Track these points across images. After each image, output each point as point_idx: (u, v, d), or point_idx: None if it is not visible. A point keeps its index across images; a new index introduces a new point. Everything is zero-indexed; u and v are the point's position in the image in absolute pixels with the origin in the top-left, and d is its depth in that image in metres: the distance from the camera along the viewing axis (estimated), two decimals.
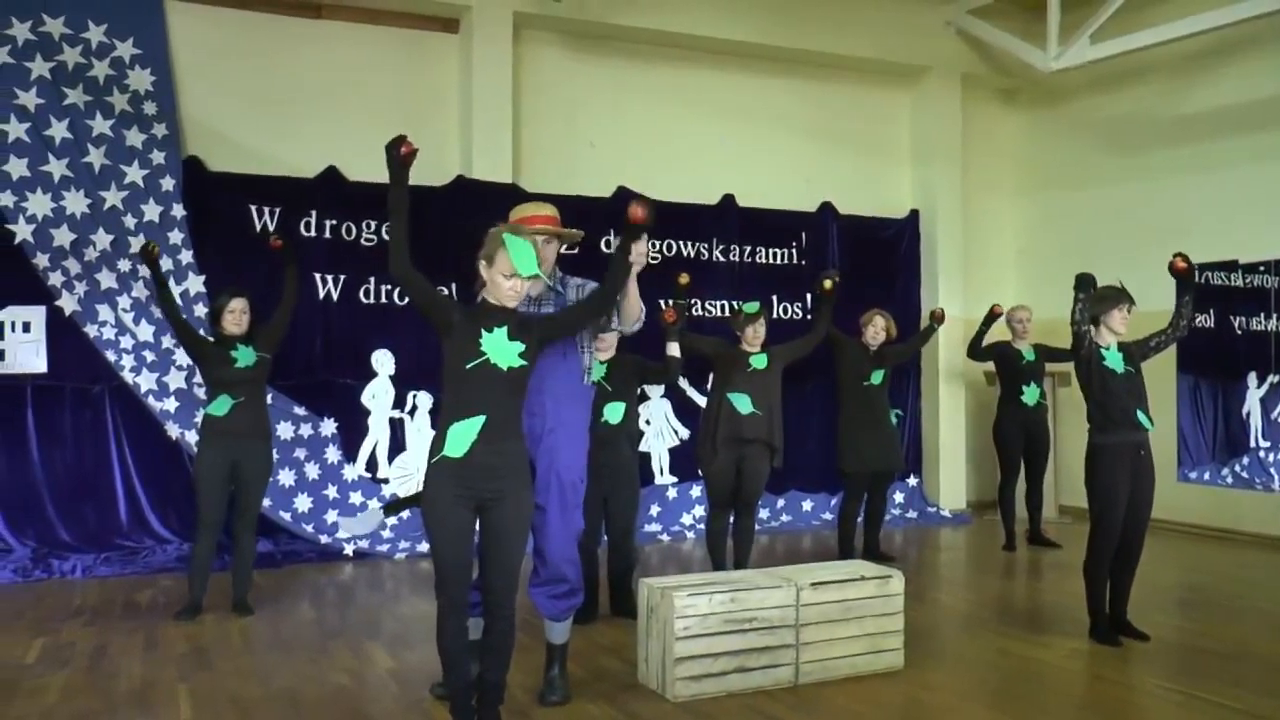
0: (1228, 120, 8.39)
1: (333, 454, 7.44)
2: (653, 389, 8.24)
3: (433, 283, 3.72)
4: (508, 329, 3.61)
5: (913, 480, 9.39)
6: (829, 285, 6.40)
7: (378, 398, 7.58)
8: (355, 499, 7.45)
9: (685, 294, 6.64)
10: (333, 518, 7.36)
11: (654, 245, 8.24)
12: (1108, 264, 6.69)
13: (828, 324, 6.57)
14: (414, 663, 4.83)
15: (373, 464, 7.57)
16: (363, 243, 7.57)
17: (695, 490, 8.34)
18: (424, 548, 7.00)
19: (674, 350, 5.73)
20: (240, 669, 4.75)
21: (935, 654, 5.00)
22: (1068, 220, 9.70)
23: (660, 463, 8.43)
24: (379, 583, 6.67)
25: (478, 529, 3.68)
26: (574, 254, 6.99)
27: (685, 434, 8.39)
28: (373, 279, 7.55)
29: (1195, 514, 8.40)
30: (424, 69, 8.06)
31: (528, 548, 3.80)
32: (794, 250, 9.04)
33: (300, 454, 7.33)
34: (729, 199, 8.79)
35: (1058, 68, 8.57)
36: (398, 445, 7.63)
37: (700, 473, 6.71)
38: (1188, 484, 8.55)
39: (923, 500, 9.38)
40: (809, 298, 8.85)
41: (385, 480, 7.58)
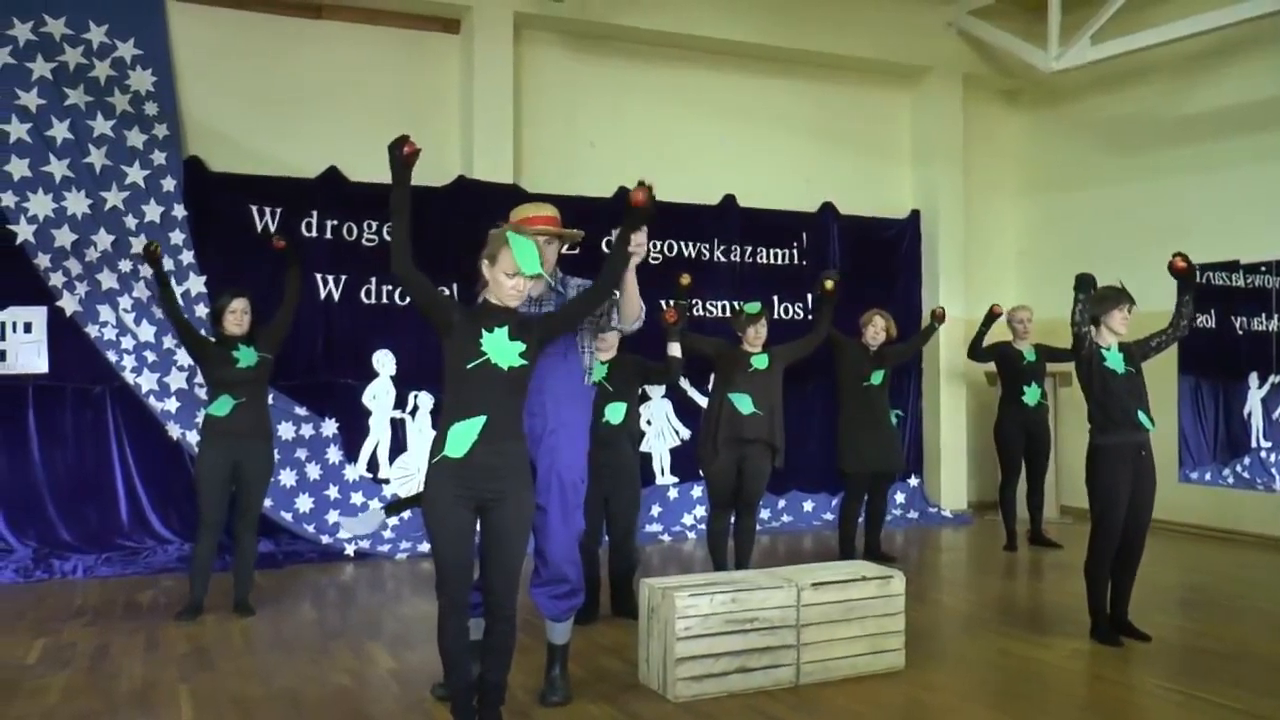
0: (1229, 120, 8.38)
1: (334, 454, 7.44)
2: (654, 389, 8.23)
3: (433, 283, 3.72)
4: (508, 329, 3.61)
5: (914, 480, 9.38)
6: (830, 285, 6.37)
7: (379, 398, 7.59)
8: (356, 499, 7.46)
9: (686, 294, 6.64)
10: (334, 518, 7.37)
11: (655, 245, 8.26)
12: (1109, 264, 6.69)
13: (829, 324, 6.57)
14: (415, 663, 4.83)
15: (374, 464, 7.58)
16: (364, 243, 7.57)
17: (696, 490, 8.34)
18: (425, 548, 7.00)
19: (675, 350, 5.72)
20: (241, 669, 4.75)
21: (936, 654, 5.00)
22: (1069, 220, 9.69)
23: (661, 463, 8.42)
24: (380, 583, 6.67)
25: (479, 529, 3.68)
26: (575, 254, 6.98)
27: (686, 434, 8.38)
28: (374, 279, 7.56)
29: (1196, 514, 8.40)
30: (425, 69, 8.06)
31: (529, 548, 3.80)
32: (795, 250, 9.04)
33: (301, 454, 7.34)
34: (730, 199, 8.79)
35: (1059, 68, 8.57)
36: (399, 445, 7.63)
37: (701, 473, 6.70)
38: (1189, 484, 8.55)
39: (924, 500, 9.38)
40: (810, 298, 8.85)
41: (386, 480, 7.58)
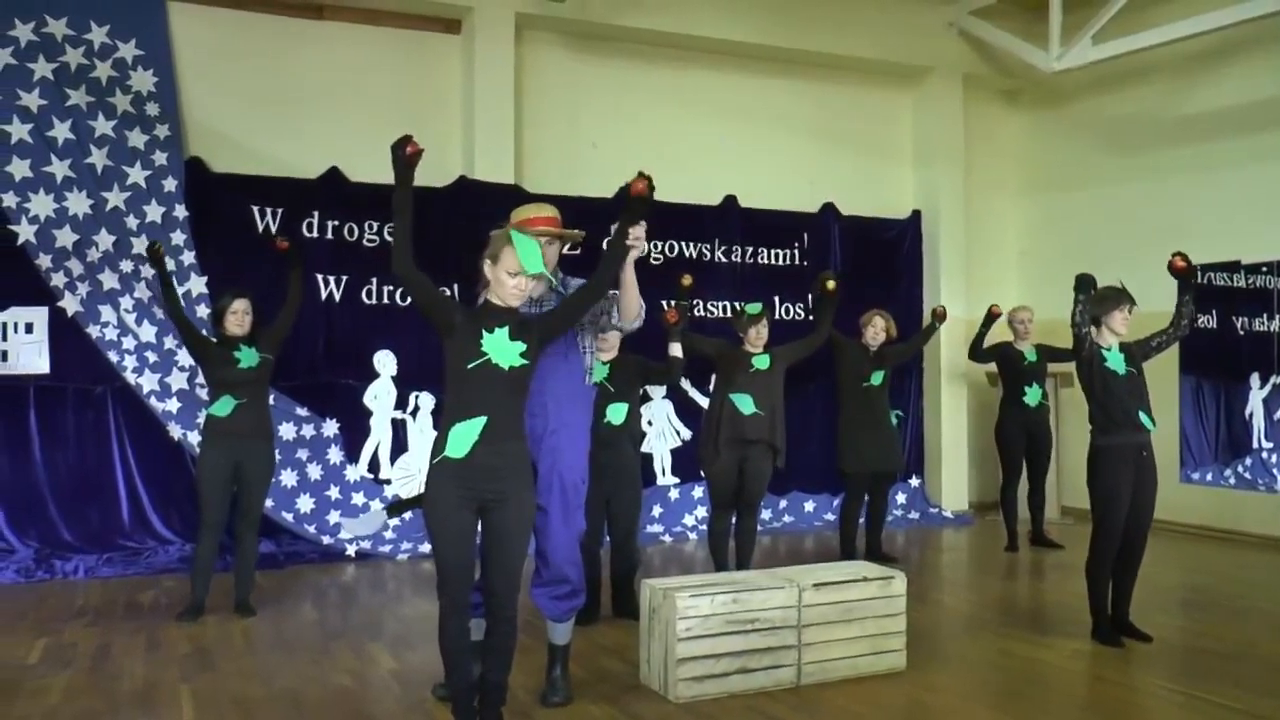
0: (1230, 121, 8.38)
1: (335, 455, 7.44)
2: (655, 390, 8.23)
3: (434, 283, 3.72)
4: (509, 329, 3.61)
5: (915, 481, 9.38)
6: (831, 286, 6.36)
7: (380, 398, 7.59)
8: (357, 500, 7.46)
9: (688, 295, 6.63)
10: (335, 518, 7.37)
11: (656, 246, 8.28)
12: (1110, 264, 6.69)
13: (830, 325, 6.56)
14: (416, 664, 4.83)
15: (375, 465, 7.58)
16: (365, 243, 7.57)
17: (697, 491, 8.34)
18: (426, 549, 6.99)
19: (676, 351, 5.72)
20: (242, 670, 4.75)
21: (937, 655, 5.00)
22: (1070, 220, 9.69)
23: (662, 463, 8.42)
24: (381, 584, 6.67)
25: (480, 530, 3.68)
26: (576, 254, 6.99)
27: (687, 435, 8.38)
28: (375, 280, 7.56)
29: (1197, 515, 8.39)
30: (426, 70, 8.06)
31: (530, 549, 3.80)
32: (796, 251, 9.04)
33: (302, 455, 7.34)
34: (731, 200, 8.79)
35: (1060, 68, 8.57)
36: (400, 446, 7.63)
37: (702, 473, 6.69)
38: (1190, 485, 8.55)
39: (925, 501, 9.38)
40: (810, 298, 8.84)
41: (387, 481, 7.58)
